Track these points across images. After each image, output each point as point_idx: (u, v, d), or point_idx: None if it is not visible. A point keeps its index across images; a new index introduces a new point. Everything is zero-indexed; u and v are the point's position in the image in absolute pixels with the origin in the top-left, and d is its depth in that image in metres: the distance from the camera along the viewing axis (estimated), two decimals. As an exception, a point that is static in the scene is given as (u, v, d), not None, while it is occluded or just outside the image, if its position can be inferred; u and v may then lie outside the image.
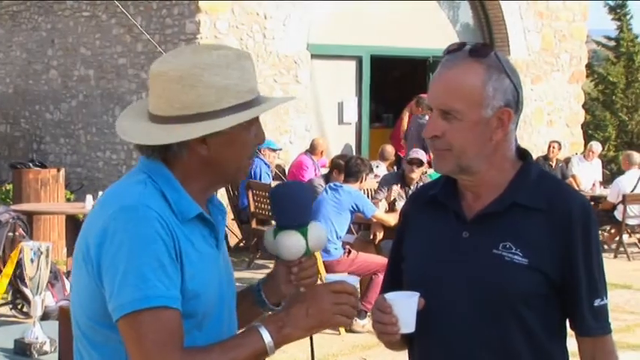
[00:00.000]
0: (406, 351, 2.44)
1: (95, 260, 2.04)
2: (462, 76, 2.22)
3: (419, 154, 9.50)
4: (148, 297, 1.98)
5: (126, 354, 2.04)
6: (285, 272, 2.33)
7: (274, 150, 11.59)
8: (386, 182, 9.79)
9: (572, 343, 2.31)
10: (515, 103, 2.25)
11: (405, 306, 2.23)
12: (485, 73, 2.21)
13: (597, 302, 2.24)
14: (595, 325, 2.25)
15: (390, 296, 2.26)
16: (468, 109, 2.21)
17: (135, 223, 2.02)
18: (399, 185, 9.49)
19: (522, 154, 2.35)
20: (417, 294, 2.24)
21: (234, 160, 2.17)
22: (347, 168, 8.39)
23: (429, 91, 2.29)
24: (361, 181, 8.39)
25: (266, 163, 11.35)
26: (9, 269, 3.91)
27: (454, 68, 2.23)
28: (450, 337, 2.27)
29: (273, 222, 2.36)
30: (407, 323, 2.23)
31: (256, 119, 2.20)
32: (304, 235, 2.25)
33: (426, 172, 9.65)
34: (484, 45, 2.29)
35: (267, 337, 2.06)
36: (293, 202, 2.28)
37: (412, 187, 9.40)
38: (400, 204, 8.98)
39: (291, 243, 2.25)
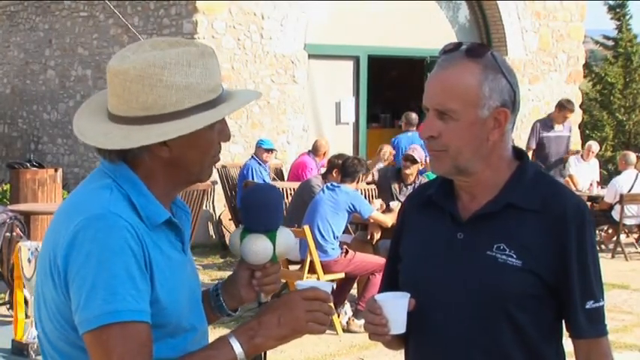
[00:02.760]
0: (403, 350, 2.45)
1: (62, 271, 1.95)
2: (458, 76, 2.21)
3: (415, 152, 9.53)
4: (117, 311, 1.90)
5: None
6: (247, 276, 2.27)
7: (268, 150, 11.56)
8: (382, 175, 9.81)
9: (569, 343, 2.31)
10: (511, 103, 2.24)
11: (395, 307, 2.23)
12: (482, 73, 2.21)
13: (590, 304, 2.23)
14: (588, 328, 2.24)
15: (379, 297, 2.26)
16: (464, 110, 2.20)
17: (104, 232, 1.93)
18: (399, 183, 9.54)
19: (519, 154, 2.35)
20: (407, 295, 2.24)
21: (198, 160, 2.09)
22: (343, 168, 8.39)
23: (425, 91, 2.28)
24: (358, 182, 8.39)
25: (260, 163, 11.35)
26: (17, 271, 3.90)
27: (450, 68, 2.23)
28: (444, 338, 2.27)
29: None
30: (397, 324, 2.23)
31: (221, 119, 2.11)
32: (272, 240, 2.20)
33: (422, 169, 9.69)
34: (480, 45, 2.28)
35: (237, 347, 2.00)
36: (263, 206, 2.23)
37: (409, 184, 9.44)
38: (394, 203, 9.01)
39: (259, 247, 2.20)
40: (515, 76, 2.29)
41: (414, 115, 12.72)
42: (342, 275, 7.96)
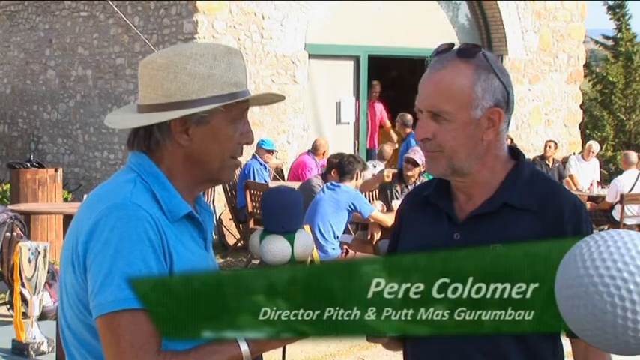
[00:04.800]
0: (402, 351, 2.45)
1: (82, 256, 2.02)
2: (450, 78, 2.22)
3: (416, 155, 9.52)
4: (129, 298, 1.95)
5: None
6: None
7: (269, 150, 11.55)
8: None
9: (568, 342, 2.31)
10: (505, 103, 2.25)
11: None
12: (474, 73, 2.21)
13: None
14: None
15: None
16: (457, 111, 2.21)
17: (124, 221, 2.00)
18: (400, 185, 9.54)
19: (515, 153, 2.35)
20: None
21: (217, 155, 2.15)
22: (340, 167, 8.39)
23: (418, 93, 2.28)
24: (356, 179, 8.40)
25: (261, 164, 11.34)
26: (16, 273, 3.94)
27: (442, 70, 2.23)
28: (441, 338, 2.26)
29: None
30: None
31: (242, 117, 2.18)
32: (291, 241, 2.24)
33: (424, 172, 9.68)
34: (472, 45, 2.28)
35: (243, 345, 2.03)
36: (283, 208, 2.26)
37: (410, 186, 9.44)
38: (396, 203, 9.01)
39: (277, 248, 2.23)
40: (508, 75, 2.29)
41: (409, 117, 12.72)
42: (342, 275, 7.95)
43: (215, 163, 2.15)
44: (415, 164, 9.44)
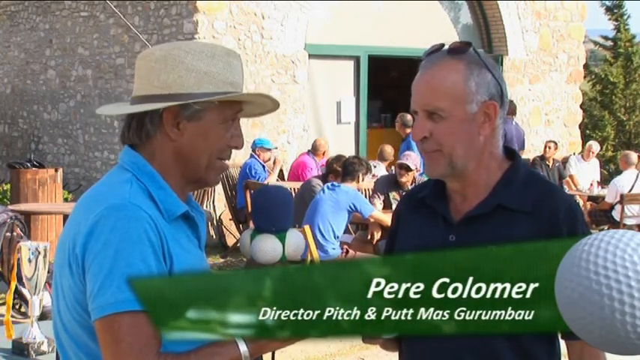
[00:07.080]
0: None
1: (80, 258, 2.00)
2: (443, 75, 2.22)
3: (409, 160, 9.50)
4: (130, 300, 1.94)
5: None
6: None
7: (268, 149, 11.55)
8: (380, 185, 9.78)
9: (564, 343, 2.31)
10: (499, 97, 2.25)
11: None
12: (466, 69, 2.21)
13: None
14: None
15: None
16: (452, 107, 2.20)
17: (123, 222, 1.98)
18: (397, 191, 9.50)
19: (510, 153, 2.34)
20: None
21: (204, 153, 2.14)
22: (344, 168, 8.39)
23: (412, 94, 2.28)
24: (358, 181, 8.39)
25: (261, 163, 11.33)
26: (14, 273, 3.95)
27: (434, 68, 2.24)
28: (435, 339, 2.26)
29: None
30: None
31: (235, 118, 2.18)
32: (282, 241, 2.24)
33: (421, 173, 9.68)
34: (462, 42, 2.28)
35: (242, 346, 2.02)
36: (274, 208, 2.27)
37: (406, 190, 9.43)
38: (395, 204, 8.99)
39: (269, 247, 2.24)
40: (499, 70, 2.29)
41: (409, 117, 12.69)
42: (342, 275, 7.95)
43: (202, 161, 2.15)
44: (408, 169, 9.41)
